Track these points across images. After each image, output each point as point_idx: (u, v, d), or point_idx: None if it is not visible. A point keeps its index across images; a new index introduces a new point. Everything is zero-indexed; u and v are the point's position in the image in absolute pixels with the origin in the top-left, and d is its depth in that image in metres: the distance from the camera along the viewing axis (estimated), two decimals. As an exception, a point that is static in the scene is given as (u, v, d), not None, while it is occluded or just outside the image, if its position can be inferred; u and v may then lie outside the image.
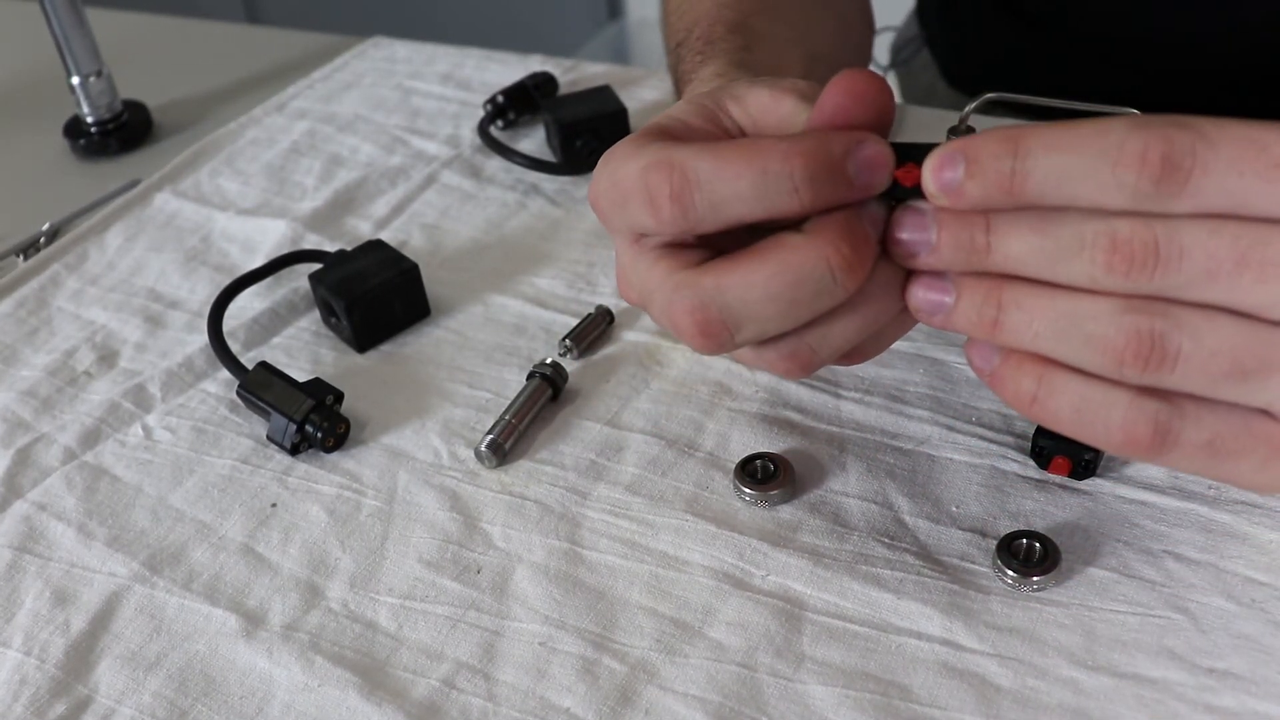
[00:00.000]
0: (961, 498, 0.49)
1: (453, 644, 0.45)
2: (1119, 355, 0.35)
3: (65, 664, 0.46)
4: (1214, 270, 0.34)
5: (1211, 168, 0.33)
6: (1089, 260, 0.35)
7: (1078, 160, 0.34)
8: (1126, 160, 0.33)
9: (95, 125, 0.82)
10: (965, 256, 0.37)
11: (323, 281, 0.61)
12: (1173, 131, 0.33)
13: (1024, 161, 0.34)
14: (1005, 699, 0.41)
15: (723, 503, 0.50)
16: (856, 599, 0.45)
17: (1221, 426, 0.36)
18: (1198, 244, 0.34)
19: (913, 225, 0.38)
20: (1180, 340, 0.35)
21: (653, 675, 0.43)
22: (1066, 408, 0.37)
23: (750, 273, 0.39)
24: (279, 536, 0.51)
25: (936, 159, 0.36)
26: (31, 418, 0.58)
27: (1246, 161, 0.33)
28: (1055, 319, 0.36)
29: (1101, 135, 0.33)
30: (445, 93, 0.84)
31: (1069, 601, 0.44)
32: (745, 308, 0.39)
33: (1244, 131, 0.33)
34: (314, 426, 0.54)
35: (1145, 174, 0.33)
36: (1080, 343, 0.36)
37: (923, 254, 0.38)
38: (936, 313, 0.39)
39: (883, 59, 0.98)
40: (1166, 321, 0.35)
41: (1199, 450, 0.37)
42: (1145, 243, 0.34)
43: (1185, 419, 0.36)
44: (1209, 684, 0.41)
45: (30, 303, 0.66)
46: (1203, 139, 0.33)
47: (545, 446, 0.53)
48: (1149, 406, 0.36)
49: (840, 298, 0.39)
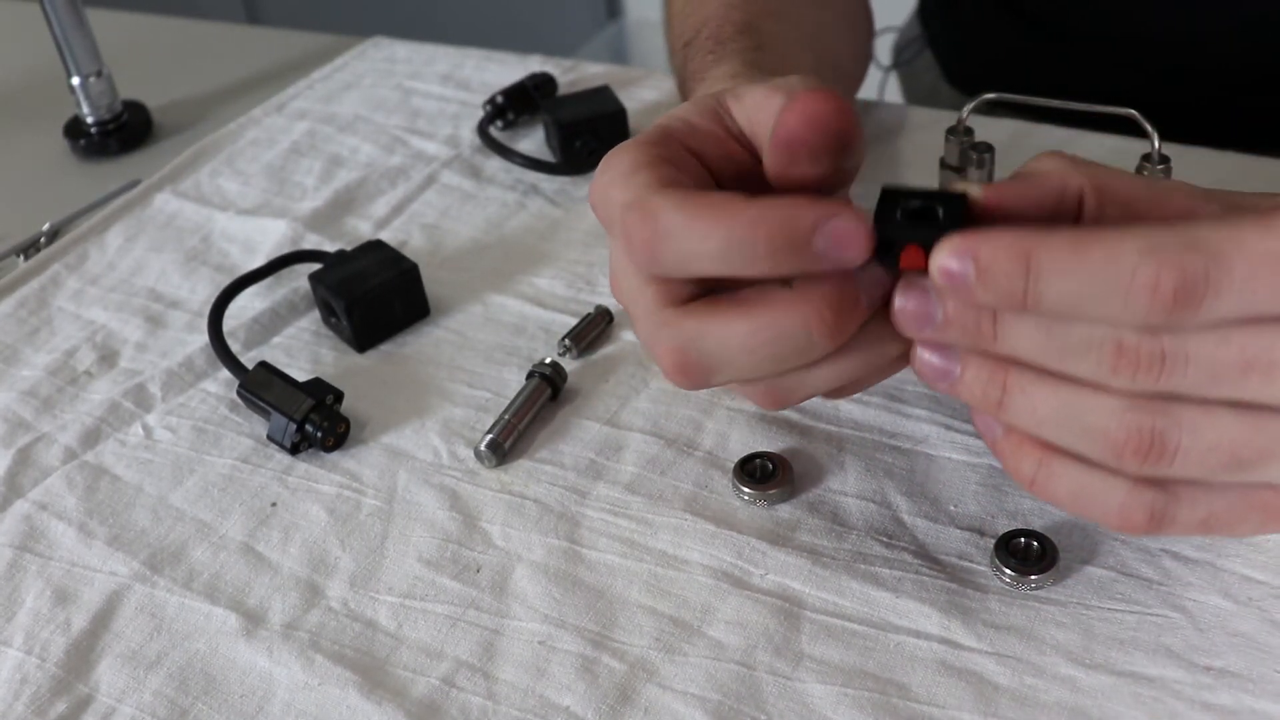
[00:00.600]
0: (959, 497, 0.49)
1: (452, 643, 0.45)
2: (1119, 449, 0.36)
3: (66, 663, 0.46)
4: (1219, 375, 0.34)
5: (1225, 290, 0.33)
6: (1095, 361, 0.35)
7: (1090, 286, 0.33)
8: (1138, 290, 0.33)
9: (95, 125, 0.82)
10: (971, 340, 0.37)
11: (323, 281, 0.61)
12: (1185, 258, 0.32)
13: (1037, 282, 0.34)
14: (1003, 697, 0.41)
15: (721, 502, 0.50)
16: (855, 598, 0.45)
17: (1218, 504, 0.37)
18: (1205, 353, 0.34)
19: (918, 302, 0.37)
20: (1180, 436, 0.35)
21: (652, 674, 0.43)
22: (1064, 491, 0.38)
23: (731, 323, 0.39)
24: (279, 536, 0.51)
25: (944, 255, 0.35)
26: (32, 417, 0.58)
27: (1261, 278, 0.33)
28: (1058, 408, 0.36)
29: (1113, 261, 0.33)
30: (445, 93, 0.84)
31: (1067, 600, 0.44)
32: (724, 354, 0.39)
33: (1260, 244, 0.33)
34: (314, 426, 0.54)
35: (1157, 304, 0.33)
36: (1081, 433, 0.36)
37: (926, 330, 0.38)
38: (941, 381, 0.39)
39: (884, 59, 0.98)
40: (1167, 419, 0.35)
41: (1195, 527, 0.38)
42: (1152, 353, 0.34)
43: (1181, 503, 0.37)
44: (1206, 682, 0.41)
45: (31, 303, 0.67)
46: (1216, 262, 0.33)
47: (545, 446, 0.54)
48: (1145, 496, 0.37)
49: (819, 355, 0.39)
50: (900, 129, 0.74)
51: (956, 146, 0.60)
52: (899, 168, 0.69)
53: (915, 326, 0.38)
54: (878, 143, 0.72)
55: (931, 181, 0.62)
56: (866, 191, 0.42)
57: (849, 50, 0.67)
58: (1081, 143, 0.69)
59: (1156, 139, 0.53)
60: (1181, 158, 0.57)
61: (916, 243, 0.36)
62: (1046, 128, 0.70)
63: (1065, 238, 0.34)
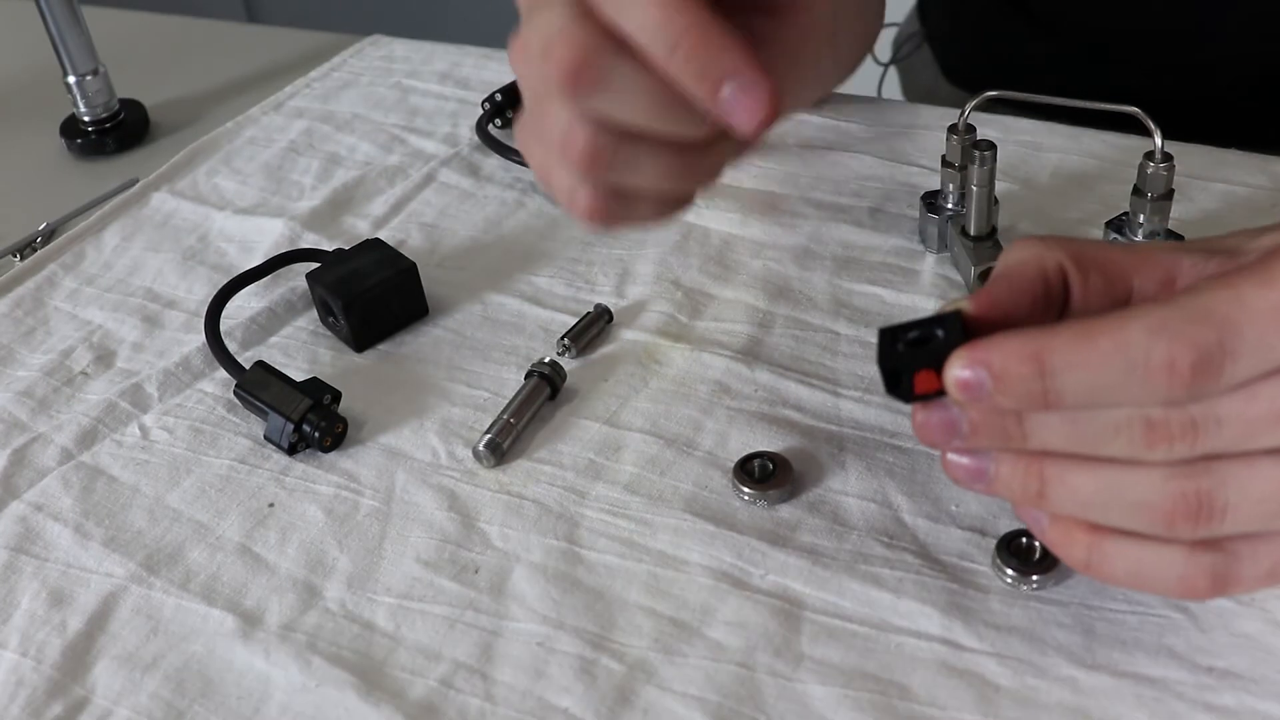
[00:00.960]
0: (961, 496, 0.48)
1: (450, 644, 0.45)
2: (1169, 519, 0.35)
3: (62, 665, 0.46)
4: (1254, 430, 0.34)
5: (1242, 354, 0.33)
6: (1127, 440, 0.35)
7: (1106, 375, 0.33)
8: (1155, 371, 0.33)
9: (92, 124, 0.82)
10: (1001, 443, 0.37)
11: (320, 281, 0.60)
12: (1195, 332, 0.32)
13: (1053, 381, 0.34)
14: (1004, 698, 0.41)
15: (721, 502, 0.50)
16: (855, 598, 0.45)
17: (1278, 554, 0.37)
18: (1234, 412, 0.34)
19: (941, 415, 0.37)
20: (1226, 495, 0.35)
21: (651, 675, 0.43)
22: (1121, 571, 0.38)
23: None
24: (276, 536, 0.51)
25: (957, 369, 0.35)
26: (28, 418, 0.58)
27: (1273, 333, 0.33)
28: (1099, 490, 0.36)
29: (1124, 349, 0.33)
30: (443, 91, 0.83)
31: (1068, 600, 0.44)
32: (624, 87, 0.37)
33: (1267, 300, 0.33)
34: (311, 426, 0.53)
35: (1177, 381, 0.33)
36: (1127, 510, 0.36)
37: (955, 442, 0.38)
38: (978, 482, 0.38)
39: (883, 55, 0.98)
40: (1211, 479, 0.35)
41: (1262, 580, 0.37)
42: (1183, 423, 0.34)
43: (1242, 561, 0.37)
44: (1208, 683, 0.41)
45: (27, 303, 0.66)
46: (1228, 330, 0.33)
47: (543, 446, 0.53)
48: (1204, 560, 0.36)
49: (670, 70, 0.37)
50: (902, 127, 0.73)
51: (959, 145, 0.59)
52: (902, 167, 0.69)
53: (943, 438, 0.38)
54: (880, 141, 0.72)
55: (929, 181, 0.62)
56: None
57: None
58: (1083, 141, 0.68)
59: (1159, 137, 0.53)
60: (1184, 156, 0.57)
61: (926, 367, 0.37)
62: (1049, 125, 0.70)
63: (1072, 331, 0.34)
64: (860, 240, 0.63)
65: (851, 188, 0.68)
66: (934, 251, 0.62)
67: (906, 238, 0.63)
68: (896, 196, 0.67)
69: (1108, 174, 0.66)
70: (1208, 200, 0.63)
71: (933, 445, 0.38)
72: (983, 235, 0.59)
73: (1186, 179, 0.62)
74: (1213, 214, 0.62)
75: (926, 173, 0.67)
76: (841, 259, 0.62)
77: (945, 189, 0.61)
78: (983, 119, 0.70)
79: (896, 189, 0.67)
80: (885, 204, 0.66)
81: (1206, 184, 0.64)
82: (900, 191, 0.67)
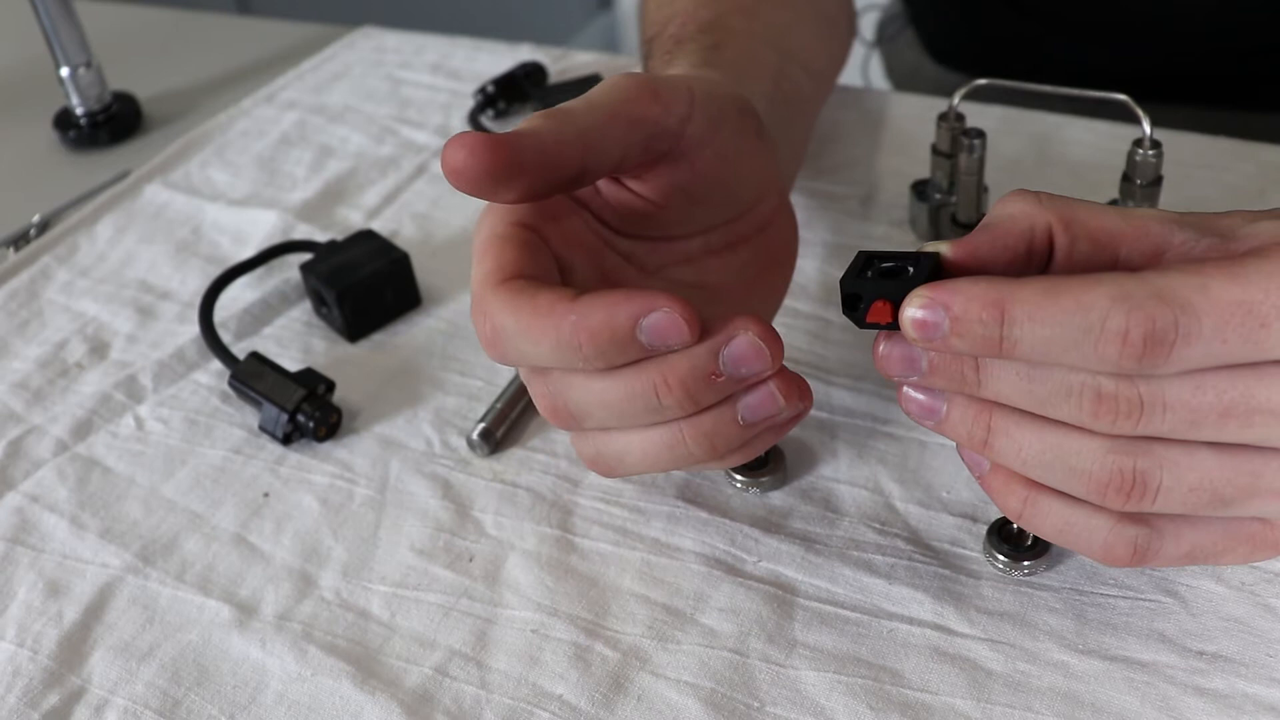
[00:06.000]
0: (952, 483, 0.49)
1: (445, 632, 0.45)
2: (1102, 489, 0.36)
3: (58, 655, 0.46)
4: (1197, 420, 0.35)
5: (1195, 339, 0.33)
6: (1075, 406, 0.35)
7: (1063, 332, 0.34)
8: (1109, 338, 0.33)
9: (85, 117, 0.82)
10: (955, 386, 0.38)
11: (314, 271, 0.61)
12: (1154, 308, 0.33)
13: (1010, 329, 0.34)
14: (996, 683, 0.41)
15: (714, 489, 0.50)
16: (848, 584, 0.45)
17: (1202, 537, 0.38)
18: (1182, 399, 0.34)
19: (903, 349, 0.38)
20: (1161, 477, 0.36)
21: (645, 662, 0.43)
22: (1050, 527, 0.39)
23: (591, 381, 0.39)
24: (271, 526, 0.51)
25: (914, 308, 0.35)
26: (23, 410, 0.58)
27: (1231, 328, 0.33)
28: (1042, 451, 0.37)
29: (1084, 310, 0.33)
30: (435, 82, 0.83)
31: (1059, 585, 0.44)
32: (587, 407, 0.40)
33: (1230, 294, 0.33)
34: (306, 416, 0.54)
35: (1128, 352, 0.33)
36: (1065, 473, 0.37)
37: (912, 377, 0.38)
38: (927, 419, 0.39)
39: (868, 35, 0.98)
40: (1149, 460, 0.36)
41: (1180, 558, 0.39)
42: (1130, 399, 0.35)
43: (1164, 538, 0.38)
44: (1199, 667, 0.41)
45: (21, 295, 0.66)
46: (1185, 312, 0.33)
47: (537, 434, 0.54)
48: (1128, 532, 0.38)
49: (677, 415, 0.39)
50: (889, 116, 0.74)
51: (948, 133, 0.60)
52: (891, 156, 0.69)
53: (900, 371, 0.38)
54: (868, 130, 0.72)
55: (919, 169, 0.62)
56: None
57: (822, 47, 0.66)
58: (1072, 129, 0.69)
59: (1148, 124, 0.53)
60: (1173, 143, 0.57)
61: (885, 298, 0.37)
62: (1038, 114, 0.70)
63: (1038, 285, 0.34)
64: (851, 228, 0.64)
65: (842, 176, 0.68)
66: (924, 239, 0.62)
67: (897, 225, 0.64)
68: (886, 184, 0.67)
69: (1097, 161, 0.66)
70: (1195, 188, 0.63)
71: (889, 377, 0.39)
72: (972, 223, 0.59)
73: (1175, 165, 0.62)
74: (1200, 200, 0.62)
75: (916, 161, 0.68)
76: (832, 246, 0.63)
77: (935, 177, 0.61)
78: (972, 107, 0.70)
79: (886, 177, 0.67)
80: (875, 192, 0.66)
81: (1194, 170, 0.64)
82: (890, 179, 0.67)
